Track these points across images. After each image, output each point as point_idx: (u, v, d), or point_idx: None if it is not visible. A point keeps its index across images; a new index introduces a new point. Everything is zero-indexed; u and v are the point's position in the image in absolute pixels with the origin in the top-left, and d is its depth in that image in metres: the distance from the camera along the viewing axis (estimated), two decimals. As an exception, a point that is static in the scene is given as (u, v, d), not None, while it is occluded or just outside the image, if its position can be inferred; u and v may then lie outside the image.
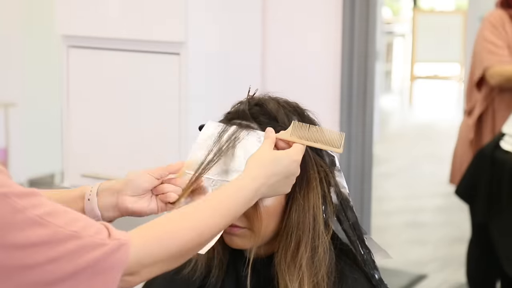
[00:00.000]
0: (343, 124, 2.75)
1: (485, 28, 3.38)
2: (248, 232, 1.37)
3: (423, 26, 9.09)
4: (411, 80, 9.45)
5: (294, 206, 1.37)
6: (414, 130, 8.30)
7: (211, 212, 1.22)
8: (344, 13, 2.71)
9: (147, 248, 1.13)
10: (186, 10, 2.45)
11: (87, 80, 2.66)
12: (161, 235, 1.16)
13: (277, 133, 1.36)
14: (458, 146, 3.59)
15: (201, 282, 1.43)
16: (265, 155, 1.31)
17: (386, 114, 9.01)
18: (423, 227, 5.14)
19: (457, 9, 11.05)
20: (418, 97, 9.95)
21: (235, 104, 1.44)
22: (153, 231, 1.16)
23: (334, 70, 2.76)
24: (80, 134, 2.68)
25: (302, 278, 1.34)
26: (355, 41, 2.71)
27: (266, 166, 1.29)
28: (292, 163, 1.32)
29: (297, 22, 2.80)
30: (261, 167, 1.29)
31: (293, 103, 1.44)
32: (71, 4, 2.63)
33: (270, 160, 1.30)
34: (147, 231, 1.15)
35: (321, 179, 1.39)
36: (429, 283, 4.12)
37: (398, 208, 5.53)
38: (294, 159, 1.32)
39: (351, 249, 1.44)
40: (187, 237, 1.18)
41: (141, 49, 2.54)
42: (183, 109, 2.48)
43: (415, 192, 5.96)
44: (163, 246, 1.15)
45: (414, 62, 9.28)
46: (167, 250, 1.15)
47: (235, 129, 1.36)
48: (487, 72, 3.34)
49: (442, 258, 4.50)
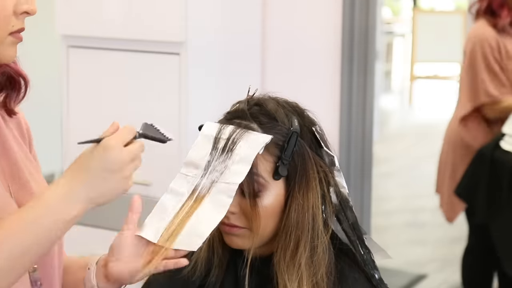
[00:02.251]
0: (343, 124, 2.75)
1: (487, 53, 3.30)
2: (247, 232, 1.37)
3: (423, 26, 9.08)
4: (411, 80, 9.44)
5: (293, 205, 1.36)
6: (414, 130, 8.29)
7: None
8: (344, 13, 2.71)
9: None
10: (186, 10, 2.45)
11: (87, 80, 2.66)
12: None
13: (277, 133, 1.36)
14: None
15: (201, 281, 1.43)
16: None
17: (386, 114, 9.01)
18: (423, 227, 5.14)
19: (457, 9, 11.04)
20: (418, 97, 9.94)
21: (235, 104, 1.44)
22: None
23: (334, 69, 2.76)
24: (80, 134, 2.68)
25: (301, 277, 1.34)
26: (355, 41, 2.71)
27: (73, 169, 1.15)
28: (106, 152, 1.16)
29: (297, 22, 2.80)
30: (69, 171, 1.15)
31: (293, 103, 1.44)
32: (71, 4, 2.63)
33: (77, 159, 1.16)
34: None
35: (320, 179, 1.39)
36: (429, 283, 4.12)
37: (398, 208, 5.53)
38: (106, 144, 1.16)
39: (350, 249, 1.43)
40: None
41: (141, 49, 2.54)
42: (183, 109, 2.48)
43: (415, 192, 5.96)
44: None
45: (414, 62, 9.27)
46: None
47: (233, 129, 1.36)
48: (484, 107, 3.31)
49: (442, 258, 4.50)
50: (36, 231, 1.10)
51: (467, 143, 3.41)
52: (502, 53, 3.29)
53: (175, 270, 1.44)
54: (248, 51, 2.79)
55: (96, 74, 2.64)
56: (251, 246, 1.37)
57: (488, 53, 3.28)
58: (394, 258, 1.51)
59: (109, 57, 2.60)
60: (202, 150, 1.37)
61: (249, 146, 1.34)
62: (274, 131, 1.37)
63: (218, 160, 1.35)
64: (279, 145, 1.36)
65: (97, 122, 2.65)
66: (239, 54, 2.74)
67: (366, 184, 2.81)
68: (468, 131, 3.41)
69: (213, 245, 1.43)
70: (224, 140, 1.36)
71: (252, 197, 1.35)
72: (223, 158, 1.35)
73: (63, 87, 2.69)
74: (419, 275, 4.19)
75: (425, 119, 8.82)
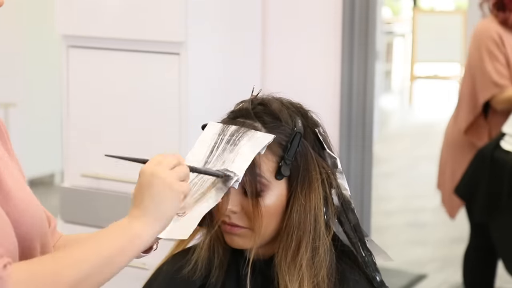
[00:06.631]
0: (343, 124, 2.75)
1: (490, 45, 3.29)
2: (249, 232, 1.37)
3: (423, 26, 9.08)
4: (411, 80, 9.44)
5: (295, 206, 1.36)
6: (414, 130, 8.29)
7: (96, 251, 1.17)
8: (344, 13, 2.71)
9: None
10: (186, 10, 2.45)
11: (87, 80, 2.66)
12: (41, 276, 1.12)
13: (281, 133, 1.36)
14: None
15: (202, 282, 1.43)
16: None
17: (386, 114, 9.01)
18: (423, 227, 5.14)
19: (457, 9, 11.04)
20: (418, 97, 9.94)
21: (238, 103, 1.44)
22: (34, 271, 1.12)
23: (334, 70, 2.76)
24: (80, 134, 2.68)
25: (302, 278, 1.34)
26: (355, 41, 2.71)
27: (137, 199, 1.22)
28: (150, 179, 1.22)
29: (297, 22, 2.80)
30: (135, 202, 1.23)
31: (297, 104, 1.44)
32: (71, 4, 2.63)
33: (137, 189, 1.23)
34: (28, 271, 1.12)
35: (323, 180, 1.38)
36: (429, 283, 4.11)
37: (398, 208, 5.53)
38: (147, 171, 1.23)
39: (352, 251, 1.43)
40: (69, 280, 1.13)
41: (141, 49, 2.54)
42: (183, 109, 2.48)
43: (415, 192, 5.96)
44: None
45: (414, 62, 9.27)
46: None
47: (237, 128, 1.36)
48: (493, 99, 3.30)
49: (442, 258, 4.50)
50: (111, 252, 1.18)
51: (469, 142, 3.41)
52: (507, 49, 3.29)
53: (176, 268, 1.44)
54: (248, 52, 2.78)
55: (96, 74, 2.64)
56: (252, 246, 1.37)
57: (491, 46, 3.28)
58: (394, 258, 1.51)
59: (109, 57, 2.60)
60: (204, 149, 1.37)
61: (251, 145, 1.33)
62: (278, 131, 1.37)
63: (219, 156, 1.35)
64: (282, 145, 1.36)
65: (97, 122, 2.65)
66: (239, 54, 2.74)
67: (366, 184, 2.80)
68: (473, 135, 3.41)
69: (213, 245, 1.43)
70: (227, 138, 1.36)
71: (254, 197, 1.35)
72: (225, 155, 1.35)
73: (63, 87, 2.69)
74: (419, 275, 4.19)
75: (425, 119, 8.82)
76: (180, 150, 2.46)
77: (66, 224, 2.66)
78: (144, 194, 1.21)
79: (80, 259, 1.16)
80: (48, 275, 1.13)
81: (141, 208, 1.21)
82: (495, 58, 3.27)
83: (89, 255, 1.17)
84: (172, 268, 1.46)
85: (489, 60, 3.28)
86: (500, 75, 3.27)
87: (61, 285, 1.13)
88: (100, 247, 1.18)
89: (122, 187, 2.57)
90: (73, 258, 1.16)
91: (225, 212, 1.35)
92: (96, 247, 1.18)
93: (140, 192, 1.22)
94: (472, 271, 3.45)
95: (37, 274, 1.12)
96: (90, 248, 1.18)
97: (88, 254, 1.17)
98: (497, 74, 3.27)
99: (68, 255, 1.17)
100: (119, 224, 1.21)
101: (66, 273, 1.14)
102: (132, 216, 1.21)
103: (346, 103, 2.73)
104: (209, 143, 1.37)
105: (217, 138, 1.37)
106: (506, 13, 3.30)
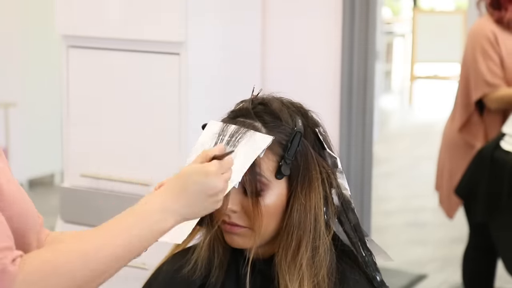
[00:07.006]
0: (343, 124, 2.75)
1: (484, 44, 3.29)
2: (248, 232, 1.37)
3: (423, 26, 9.08)
4: (411, 80, 9.44)
5: (296, 205, 1.36)
6: (414, 130, 8.30)
7: (102, 244, 1.18)
8: (344, 13, 2.71)
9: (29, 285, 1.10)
10: (186, 10, 2.45)
11: (87, 80, 2.66)
12: (48, 270, 1.13)
13: (281, 132, 1.36)
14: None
15: (201, 281, 1.43)
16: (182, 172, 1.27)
17: (386, 114, 9.01)
18: (423, 227, 5.14)
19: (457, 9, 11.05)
20: (418, 97, 9.94)
21: (239, 103, 1.44)
22: (39, 264, 1.13)
23: (334, 70, 2.76)
24: (80, 134, 2.68)
25: (302, 278, 1.34)
26: (355, 41, 2.71)
27: (171, 186, 1.25)
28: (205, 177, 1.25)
29: (297, 22, 2.80)
30: (167, 188, 1.25)
31: (297, 104, 1.44)
32: (71, 4, 2.63)
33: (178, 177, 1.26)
34: (33, 265, 1.12)
35: (323, 179, 1.38)
36: (429, 283, 4.11)
37: (398, 208, 5.52)
38: (208, 171, 1.26)
39: (352, 250, 1.43)
40: (77, 274, 1.14)
41: (141, 49, 2.54)
42: (183, 109, 2.48)
43: (415, 192, 5.96)
44: (48, 283, 1.12)
45: (414, 62, 9.27)
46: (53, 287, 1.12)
47: (236, 129, 1.36)
48: (486, 98, 3.30)
49: (442, 258, 4.50)
50: (130, 238, 1.19)
51: (466, 142, 3.41)
52: (502, 48, 3.29)
53: (176, 267, 1.44)
54: (248, 52, 2.78)
55: (96, 74, 2.64)
56: (252, 245, 1.37)
57: (485, 45, 3.28)
58: (394, 258, 1.51)
59: (109, 57, 2.60)
60: (205, 148, 1.37)
61: (251, 146, 1.33)
62: (278, 130, 1.37)
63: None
64: (282, 144, 1.37)
65: (97, 122, 2.65)
66: (239, 54, 2.74)
67: (366, 184, 2.80)
68: (468, 133, 3.41)
69: (213, 245, 1.43)
70: (227, 138, 1.36)
71: (254, 196, 1.35)
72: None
73: (63, 87, 2.69)
74: (419, 275, 4.19)
75: (425, 119, 8.82)
76: (180, 150, 2.47)
77: (66, 224, 2.66)
78: (191, 192, 1.24)
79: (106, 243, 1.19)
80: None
81: (181, 204, 1.23)
82: (489, 57, 3.27)
83: (116, 240, 1.18)
84: (172, 267, 1.46)
85: (482, 59, 3.28)
86: (493, 74, 3.27)
87: (92, 264, 1.15)
88: (130, 237, 1.20)
89: (122, 187, 2.57)
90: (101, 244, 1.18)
91: (225, 212, 1.35)
92: (125, 231, 1.20)
93: (188, 186, 1.24)
94: (472, 271, 3.45)
95: (55, 265, 1.13)
96: (118, 233, 1.20)
97: (116, 239, 1.19)
98: (490, 73, 3.27)
99: (94, 240, 1.19)
100: (151, 214, 1.21)
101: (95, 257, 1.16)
102: (167, 208, 1.22)
103: (346, 103, 2.73)
104: (209, 143, 1.37)
105: (217, 138, 1.37)
106: (501, 12, 3.29)
